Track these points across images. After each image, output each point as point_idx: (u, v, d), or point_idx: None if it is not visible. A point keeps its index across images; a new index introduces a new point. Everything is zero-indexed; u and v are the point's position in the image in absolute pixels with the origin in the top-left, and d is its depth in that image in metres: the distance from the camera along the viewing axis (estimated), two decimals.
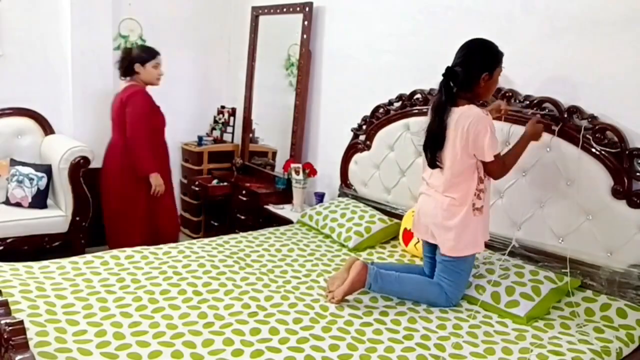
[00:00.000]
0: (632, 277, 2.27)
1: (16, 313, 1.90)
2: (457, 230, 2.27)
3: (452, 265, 2.31)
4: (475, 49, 2.26)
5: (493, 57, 2.27)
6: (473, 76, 2.23)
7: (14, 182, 3.57)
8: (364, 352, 1.89)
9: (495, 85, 2.36)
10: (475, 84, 2.25)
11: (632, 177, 2.31)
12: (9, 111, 3.86)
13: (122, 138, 3.46)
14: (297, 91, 4.01)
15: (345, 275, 2.31)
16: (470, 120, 2.18)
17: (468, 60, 2.24)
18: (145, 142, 3.41)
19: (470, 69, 2.23)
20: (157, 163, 3.51)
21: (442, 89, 2.26)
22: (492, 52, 2.27)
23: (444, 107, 2.25)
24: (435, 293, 2.31)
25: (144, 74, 3.47)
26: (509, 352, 1.96)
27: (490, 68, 2.25)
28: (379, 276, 2.29)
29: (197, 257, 2.65)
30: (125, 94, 3.44)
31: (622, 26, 2.33)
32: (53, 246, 3.53)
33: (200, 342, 1.87)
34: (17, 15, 3.82)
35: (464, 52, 2.27)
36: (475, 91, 2.27)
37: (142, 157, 3.41)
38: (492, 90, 2.36)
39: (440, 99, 2.27)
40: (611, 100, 2.38)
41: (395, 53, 3.34)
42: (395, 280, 2.32)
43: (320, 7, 3.86)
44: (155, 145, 3.52)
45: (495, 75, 2.28)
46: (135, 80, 3.49)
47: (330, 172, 3.83)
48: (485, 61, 2.25)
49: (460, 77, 2.23)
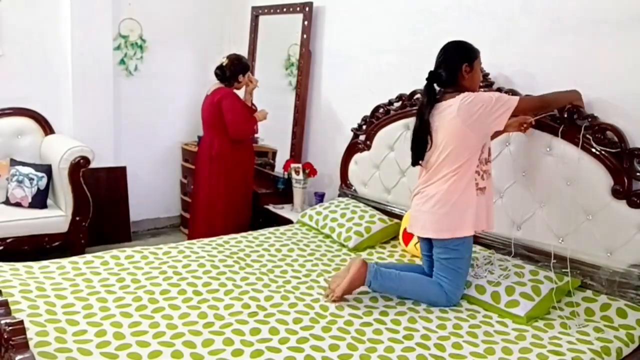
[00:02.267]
0: (632, 277, 2.27)
1: (16, 313, 1.90)
2: (458, 209, 2.28)
3: (449, 262, 2.31)
4: (451, 47, 2.38)
5: (469, 50, 2.37)
6: (455, 71, 2.32)
7: (14, 182, 3.57)
8: (364, 352, 1.89)
9: (479, 77, 2.44)
10: (459, 77, 2.33)
11: (632, 177, 2.31)
12: (9, 111, 3.86)
13: (211, 136, 3.65)
14: (297, 91, 4.01)
15: (347, 274, 2.31)
16: (461, 98, 2.24)
17: (446, 58, 2.35)
18: (249, 128, 3.65)
19: (451, 66, 2.33)
20: (249, 157, 3.78)
21: (425, 92, 2.36)
22: (467, 46, 2.37)
23: (426, 108, 2.34)
24: (436, 292, 2.31)
25: (243, 82, 3.67)
26: (509, 352, 1.96)
27: (469, 59, 2.34)
28: (378, 274, 2.29)
29: (197, 257, 2.65)
30: (215, 96, 3.57)
31: (622, 26, 2.33)
32: (53, 246, 3.54)
33: (200, 342, 1.87)
34: (17, 15, 3.83)
35: (441, 54, 2.39)
36: (461, 84, 2.34)
37: (250, 132, 3.70)
38: (476, 81, 2.42)
39: (422, 101, 2.38)
40: (611, 100, 2.37)
41: (395, 53, 3.34)
42: (395, 278, 2.33)
43: (320, 7, 3.86)
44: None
45: (476, 66, 2.36)
46: (228, 86, 3.64)
47: (330, 172, 3.84)
48: (462, 54, 2.34)
49: (444, 76, 2.33)
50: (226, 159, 3.61)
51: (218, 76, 3.64)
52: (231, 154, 3.61)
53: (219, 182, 3.63)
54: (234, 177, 3.65)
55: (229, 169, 3.62)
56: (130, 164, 4.32)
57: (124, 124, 4.31)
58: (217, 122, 3.57)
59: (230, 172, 3.63)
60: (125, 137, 4.34)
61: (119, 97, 4.24)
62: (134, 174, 4.35)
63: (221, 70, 3.62)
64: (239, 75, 3.61)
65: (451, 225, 2.30)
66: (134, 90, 4.34)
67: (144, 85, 4.38)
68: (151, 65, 4.40)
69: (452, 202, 2.28)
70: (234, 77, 3.61)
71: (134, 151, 4.40)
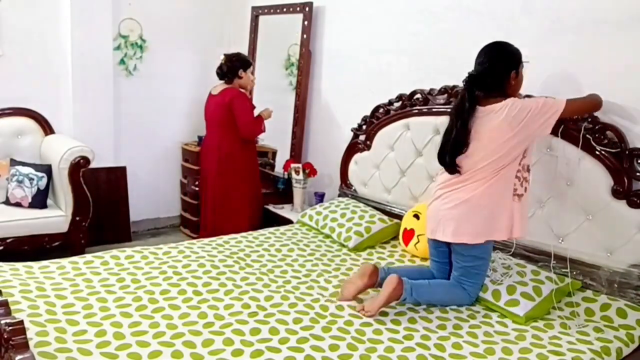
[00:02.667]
0: (632, 277, 2.27)
1: (16, 313, 1.90)
2: (493, 213, 2.25)
3: (474, 268, 2.31)
4: (496, 51, 2.30)
5: (514, 55, 2.31)
6: (502, 78, 2.28)
7: (14, 182, 3.57)
8: (364, 352, 1.89)
9: (523, 81, 2.39)
10: (506, 84, 2.29)
11: (632, 177, 2.31)
12: (9, 111, 3.85)
13: (219, 135, 3.64)
14: (297, 91, 4.01)
15: (359, 281, 2.29)
16: (507, 108, 2.19)
17: (492, 65, 2.27)
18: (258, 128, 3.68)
19: (498, 72, 2.27)
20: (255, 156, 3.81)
21: (466, 96, 2.28)
22: (513, 51, 2.32)
23: (468, 112, 2.26)
24: (462, 295, 2.33)
25: (245, 78, 3.66)
26: (509, 352, 1.97)
27: (516, 65, 2.30)
28: (413, 289, 2.27)
29: (197, 257, 2.65)
30: (225, 96, 3.57)
31: (622, 26, 2.33)
32: (53, 246, 3.53)
33: (200, 342, 1.87)
34: (17, 15, 3.82)
35: (487, 57, 2.30)
36: (507, 90, 2.30)
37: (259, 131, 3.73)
38: (520, 86, 2.39)
39: (464, 105, 2.27)
40: (611, 100, 2.37)
41: (395, 53, 3.34)
42: (427, 290, 2.31)
43: (320, 7, 3.86)
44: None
45: (521, 71, 2.33)
46: (232, 84, 3.64)
47: (330, 172, 3.84)
48: (508, 61, 2.29)
49: (489, 82, 2.27)
50: (235, 158, 3.63)
51: (219, 75, 3.66)
52: (241, 154, 3.65)
53: (230, 182, 3.64)
54: (245, 176, 3.68)
55: (239, 168, 3.64)
56: (130, 164, 4.31)
57: (124, 124, 4.31)
58: (226, 122, 3.58)
59: (241, 172, 3.65)
60: (125, 137, 4.33)
61: (119, 97, 4.24)
62: (134, 174, 4.35)
63: (220, 68, 3.65)
64: (238, 70, 3.62)
65: (486, 230, 2.27)
66: (134, 90, 4.33)
67: (144, 85, 4.37)
68: (151, 65, 4.39)
69: (488, 207, 2.25)
70: (233, 73, 3.62)
71: (134, 151, 4.40)
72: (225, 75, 3.64)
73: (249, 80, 3.71)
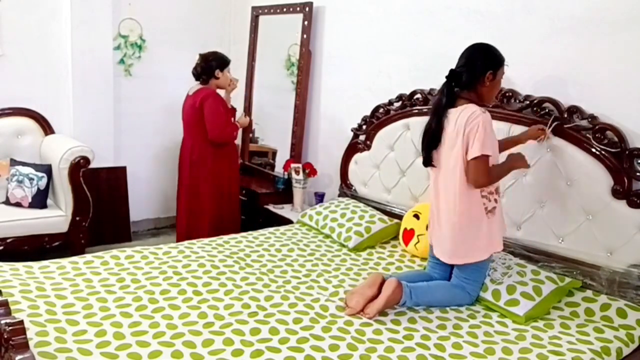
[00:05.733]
0: (632, 277, 2.27)
1: (16, 313, 1.90)
2: (471, 235, 2.28)
3: (471, 275, 2.34)
4: (478, 50, 2.30)
5: (495, 58, 2.30)
6: (477, 75, 2.26)
7: (14, 182, 3.57)
8: (364, 352, 1.89)
9: (498, 87, 2.39)
10: (480, 83, 2.27)
11: (632, 177, 2.31)
12: (9, 111, 3.85)
13: (192, 138, 3.56)
14: (297, 91, 4.01)
15: (367, 291, 2.22)
16: (467, 116, 2.20)
17: (471, 61, 2.27)
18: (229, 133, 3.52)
19: (474, 69, 2.26)
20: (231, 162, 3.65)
21: (444, 91, 2.29)
22: (495, 54, 2.31)
23: (443, 108, 2.28)
24: (462, 296, 2.34)
25: (222, 78, 3.56)
26: (509, 352, 1.97)
27: (494, 67, 2.28)
28: (412, 293, 2.27)
29: (197, 257, 2.65)
30: (197, 97, 3.47)
31: (622, 26, 2.33)
32: (53, 246, 3.53)
33: (200, 342, 1.87)
34: (17, 15, 3.82)
35: (467, 55, 2.30)
36: (479, 91, 2.29)
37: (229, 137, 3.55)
38: (495, 91, 2.37)
39: (441, 100, 2.30)
40: (611, 100, 2.38)
41: (395, 53, 3.34)
42: (427, 292, 2.32)
43: (320, 7, 3.86)
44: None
45: (499, 76, 2.31)
46: (209, 85, 3.56)
47: (330, 172, 3.84)
48: (488, 61, 2.28)
49: (465, 78, 2.26)
50: (207, 163, 3.51)
51: (194, 75, 3.56)
52: (213, 159, 3.51)
53: (200, 189, 3.54)
54: (218, 184, 3.54)
55: (210, 174, 3.51)
56: (130, 164, 4.31)
57: (124, 124, 4.31)
58: (198, 124, 3.46)
59: (213, 178, 3.52)
60: (125, 137, 4.33)
61: (119, 97, 4.24)
62: (134, 174, 4.35)
63: (195, 69, 3.54)
64: (215, 71, 3.51)
65: (468, 252, 2.31)
66: (134, 90, 4.33)
67: (144, 85, 4.37)
68: (151, 65, 4.39)
69: (465, 228, 2.28)
70: (208, 73, 3.51)
71: (134, 151, 4.40)
72: (199, 76, 3.53)
73: (227, 80, 3.58)
